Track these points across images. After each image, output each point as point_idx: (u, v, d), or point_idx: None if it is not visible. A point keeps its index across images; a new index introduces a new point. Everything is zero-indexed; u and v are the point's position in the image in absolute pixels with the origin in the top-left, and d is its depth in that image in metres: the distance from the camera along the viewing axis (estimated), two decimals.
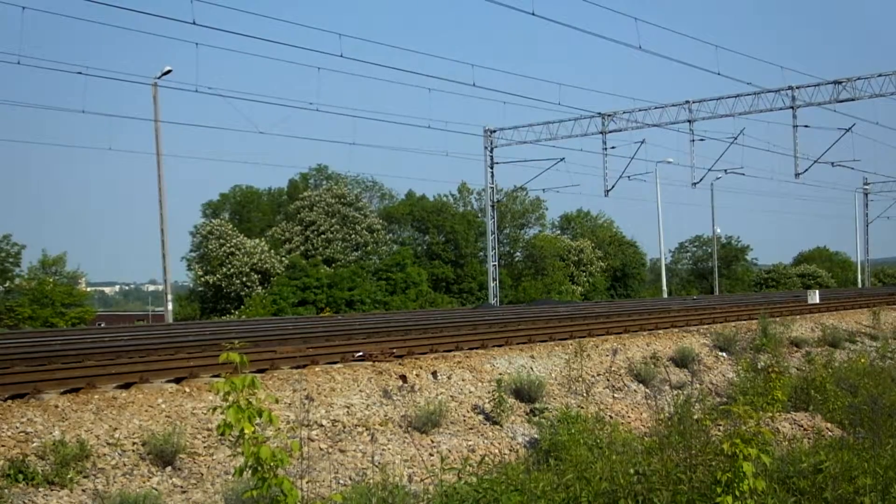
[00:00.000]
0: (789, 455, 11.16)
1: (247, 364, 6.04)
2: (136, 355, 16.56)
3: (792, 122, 46.53)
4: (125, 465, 10.83)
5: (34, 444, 10.68)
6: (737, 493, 7.89)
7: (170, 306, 45.69)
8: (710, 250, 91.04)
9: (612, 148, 52.78)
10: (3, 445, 10.50)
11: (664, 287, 73.21)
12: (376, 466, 11.87)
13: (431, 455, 12.97)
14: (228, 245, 58.01)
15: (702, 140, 50.48)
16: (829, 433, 13.96)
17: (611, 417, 15.93)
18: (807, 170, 48.15)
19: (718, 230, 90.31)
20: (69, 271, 59.54)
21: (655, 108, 50.51)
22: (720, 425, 12.97)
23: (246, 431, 5.64)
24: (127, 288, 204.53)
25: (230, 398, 5.73)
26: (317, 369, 15.17)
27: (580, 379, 17.54)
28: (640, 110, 50.87)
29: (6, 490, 9.65)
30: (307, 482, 11.25)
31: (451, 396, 15.24)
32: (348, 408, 13.76)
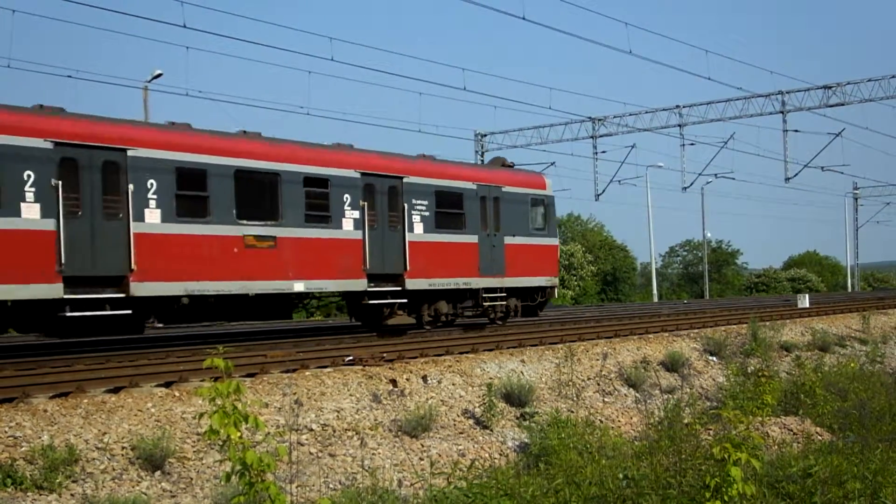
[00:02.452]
0: (779, 459, 11.18)
1: (232, 369, 6.02)
2: (125, 359, 16.52)
3: (782, 127, 46.70)
4: (114, 469, 10.80)
5: (23, 449, 10.64)
6: (726, 497, 7.90)
7: None
8: (700, 254, 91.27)
9: (603, 152, 52.89)
10: None
11: (655, 291, 73.31)
12: (366, 471, 11.85)
13: (421, 459, 12.96)
14: None
15: (692, 144, 50.67)
16: (819, 437, 13.98)
17: (601, 422, 15.94)
18: (797, 174, 48.29)
19: (709, 234, 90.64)
20: None
21: (646, 112, 50.60)
22: (710, 430, 12.98)
23: (232, 437, 5.63)
24: None
25: (216, 403, 5.71)
26: (307, 373, 15.14)
27: (570, 383, 17.55)
28: (630, 115, 50.94)
29: None
30: (297, 487, 11.23)
31: (442, 401, 15.23)
32: (338, 412, 13.74)
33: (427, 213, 23.72)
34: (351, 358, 16.53)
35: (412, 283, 23.09)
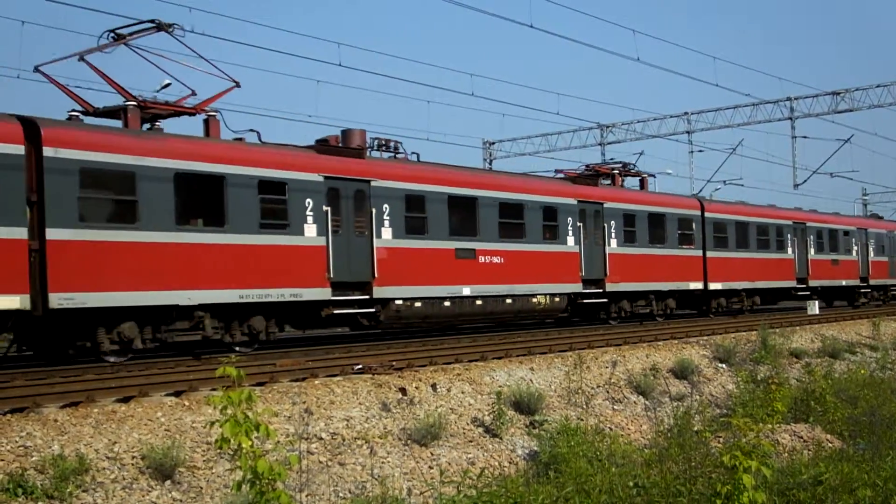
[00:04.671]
0: (789, 467, 11.16)
1: (244, 378, 6.04)
2: (135, 369, 16.54)
3: (790, 133, 46.69)
4: (124, 478, 10.82)
5: (33, 459, 10.66)
6: None
7: None
8: None
9: (611, 159, 52.89)
10: (2, 460, 10.49)
11: None
12: (376, 479, 11.86)
13: (431, 468, 12.95)
14: None
15: (700, 151, 50.78)
16: (829, 445, 13.95)
17: (610, 429, 15.92)
18: (806, 181, 48.43)
19: None
20: None
21: (654, 119, 50.63)
22: (720, 437, 12.97)
23: (243, 445, 5.64)
24: None
25: (227, 412, 5.72)
26: (316, 382, 15.15)
27: (580, 391, 17.53)
28: (638, 121, 50.98)
29: None
30: (306, 495, 11.24)
31: (451, 409, 15.22)
32: (348, 421, 13.75)
33: (875, 247, 45.32)
34: (360, 366, 16.54)
35: (874, 282, 45.01)
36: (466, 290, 23.47)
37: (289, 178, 19.55)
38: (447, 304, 22.97)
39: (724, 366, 22.35)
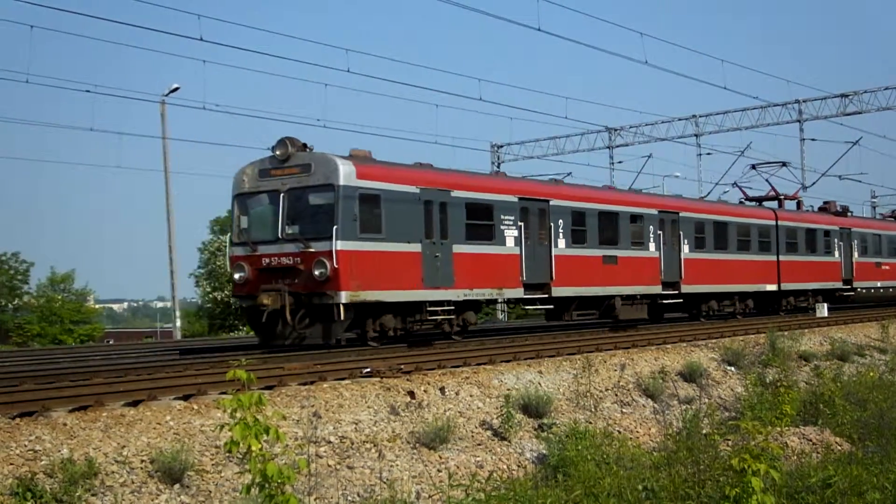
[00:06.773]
0: (798, 470, 11.15)
1: (254, 381, 6.06)
2: (143, 373, 16.59)
3: (799, 136, 46.66)
4: (133, 482, 10.84)
5: (42, 463, 10.69)
6: None
7: (178, 323, 45.83)
8: None
9: (619, 162, 53.12)
10: (11, 464, 10.52)
11: None
12: (384, 483, 11.87)
13: (439, 471, 12.96)
14: None
15: (709, 154, 50.80)
16: (838, 447, 13.91)
17: (619, 432, 15.90)
18: (814, 183, 48.47)
19: None
20: (77, 289, 59.72)
21: (662, 122, 50.65)
22: (728, 440, 12.94)
23: (253, 448, 5.66)
24: (135, 305, 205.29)
25: (237, 415, 5.74)
26: (325, 386, 15.17)
27: (588, 394, 17.52)
28: (646, 124, 51.01)
29: None
30: (315, 499, 11.26)
31: (459, 412, 15.22)
32: (356, 424, 13.76)
33: None
34: (369, 370, 16.55)
35: None
36: (878, 284, 45.83)
37: (831, 229, 41.57)
38: (872, 291, 44.98)
39: (732, 368, 22.31)
